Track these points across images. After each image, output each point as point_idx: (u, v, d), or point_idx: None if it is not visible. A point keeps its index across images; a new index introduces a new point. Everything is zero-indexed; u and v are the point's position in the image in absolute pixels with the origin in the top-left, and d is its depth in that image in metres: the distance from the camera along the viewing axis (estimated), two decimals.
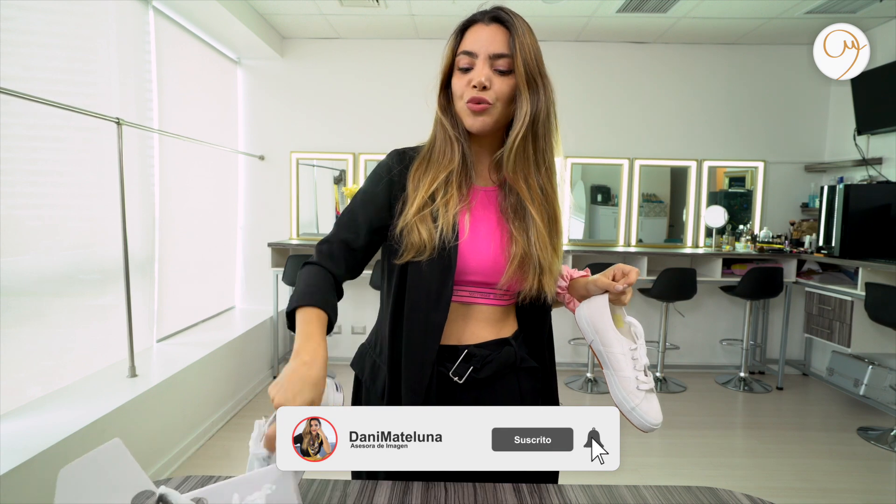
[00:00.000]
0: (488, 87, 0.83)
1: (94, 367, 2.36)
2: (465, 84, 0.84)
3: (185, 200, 3.19)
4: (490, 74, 0.83)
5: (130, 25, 2.62)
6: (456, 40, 0.87)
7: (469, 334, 0.90)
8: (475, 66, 0.84)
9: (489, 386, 0.90)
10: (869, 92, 3.36)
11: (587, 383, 3.62)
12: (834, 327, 3.26)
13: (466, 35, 0.86)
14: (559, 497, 0.87)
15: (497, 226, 0.89)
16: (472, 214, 0.89)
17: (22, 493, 1.53)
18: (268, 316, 3.70)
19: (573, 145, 3.98)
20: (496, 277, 0.87)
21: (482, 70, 0.83)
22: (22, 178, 2.01)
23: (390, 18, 3.53)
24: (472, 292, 0.89)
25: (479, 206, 0.91)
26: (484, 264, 0.87)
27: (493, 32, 0.84)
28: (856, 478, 2.44)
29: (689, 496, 0.87)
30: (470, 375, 0.88)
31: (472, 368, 0.88)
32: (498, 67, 0.83)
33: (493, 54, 0.83)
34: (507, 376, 0.91)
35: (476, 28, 0.85)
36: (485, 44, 0.84)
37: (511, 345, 0.92)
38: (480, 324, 0.90)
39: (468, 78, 0.84)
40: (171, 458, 2.40)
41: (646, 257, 3.68)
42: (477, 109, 0.84)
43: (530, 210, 0.87)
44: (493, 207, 0.91)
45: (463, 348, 0.89)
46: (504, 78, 0.84)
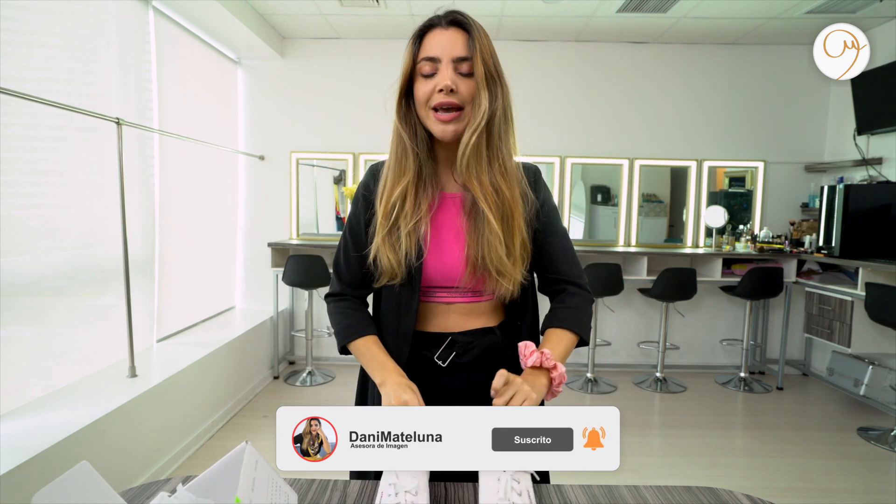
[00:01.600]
0: (455, 91, 0.83)
1: (94, 367, 2.37)
2: (431, 89, 0.84)
3: (185, 200, 3.19)
4: (456, 78, 0.83)
5: (130, 25, 2.62)
6: (415, 46, 0.87)
7: (454, 324, 0.94)
8: (439, 70, 0.84)
9: (472, 371, 0.94)
10: (869, 92, 3.36)
11: (587, 383, 3.62)
12: (834, 327, 3.26)
13: (426, 40, 0.86)
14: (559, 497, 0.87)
15: (459, 231, 0.91)
16: (436, 223, 0.91)
17: (22, 493, 1.53)
18: (268, 316, 3.70)
19: (573, 145, 3.99)
20: (457, 281, 0.90)
21: (447, 74, 0.83)
22: (22, 178, 2.02)
23: (390, 18, 3.54)
24: (451, 293, 0.93)
25: (444, 213, 0.93)
26: (445, 272, 0.90)
27: (453, 36, 0.84)
28: (856, 478, 2.44)
29: (689, 496, 0.87)
30: (453, 360, 0.92)
31: (454, 354, 0.93)
32: (461, 71, 0.84)
33: (455, 58, 0.83)
34: (490, 363, 0.93)
35: (435, 32, 0.85)
36: (447, 48, 0.84)
37: (495, 333, 0.95)
38: (464, 316, 0.94)
39: (433, 83, 0.84)
40: (171, 458, 2.40)
41: (646, 257, 3.68)
42: (447, 119, 0.84)
43: (483, 209, 0.86)
44: (456, 212, 0.92)
45: (447, 335, 0.93)
46: (468, 80, 0.84)
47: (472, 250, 0.88)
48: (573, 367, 4.00)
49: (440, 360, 0.93)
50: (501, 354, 0.96)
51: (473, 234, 0.88)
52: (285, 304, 4.02)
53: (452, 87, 0.82)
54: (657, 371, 3.73)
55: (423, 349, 0.94)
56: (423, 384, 0.88)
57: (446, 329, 0.94)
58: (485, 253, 0.86)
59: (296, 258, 3.43)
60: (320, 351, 4.11)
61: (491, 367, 0.88)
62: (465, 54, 0.83)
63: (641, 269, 3.70)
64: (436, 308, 0.93)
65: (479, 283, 0.90)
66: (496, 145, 0.87)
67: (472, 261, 0.88)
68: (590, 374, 3.68)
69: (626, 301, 4.02)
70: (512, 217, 0.88)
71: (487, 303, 0.95)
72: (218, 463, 0.70)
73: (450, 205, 0.93)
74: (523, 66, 3.94)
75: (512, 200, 0.88)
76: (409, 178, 0.87)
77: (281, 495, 0.74)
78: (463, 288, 0.91)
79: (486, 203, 0.86)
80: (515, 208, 0.88)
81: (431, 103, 0.84)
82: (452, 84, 0.82)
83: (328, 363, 4.05)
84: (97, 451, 1.90)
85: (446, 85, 0.82)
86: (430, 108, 0.85)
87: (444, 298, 0.93)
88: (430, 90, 0.84)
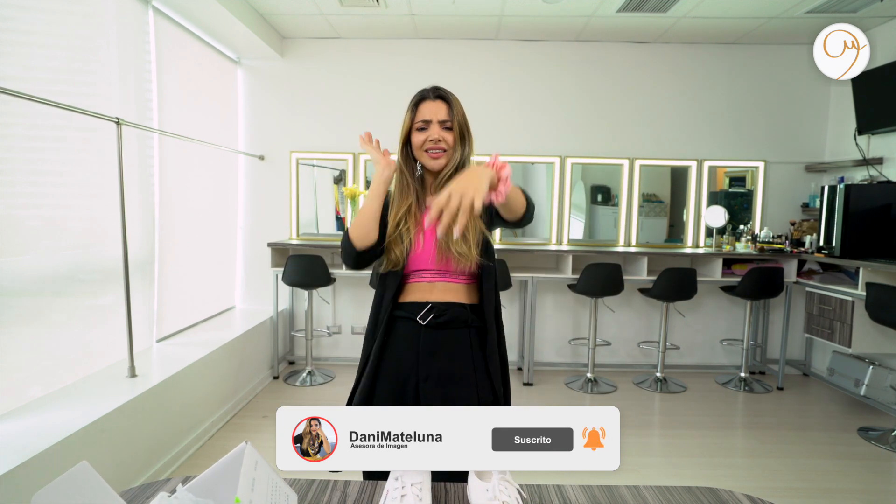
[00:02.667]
0: (440, 141, 1.26)
1: (94, 367, 2.37)
2: (424, 139, 1.27)
3: (185, 200, 3.19)
4: (440, 132, 1.27)
5: (130, 25, 2.62)
6: (413, 111, 1.29)
7: (434, 297, 1.27)
8: (430, 127, 1.27)
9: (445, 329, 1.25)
10: (869, 92, 3.36)
11: (587, 383, 3.62)
12: (834, 327, 3.26)
13: (420, 108, 1.28)
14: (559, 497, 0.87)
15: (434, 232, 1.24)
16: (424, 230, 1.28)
17: (22, 493, 1.53)
18: (268, 316, 3.70)
19: (573, 145, 3.99)
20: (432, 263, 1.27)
21: (435, 130, 1.26)
22: (22, 178, 2.01)
23: (390, 18, 3.53)
24: (433, 274, 1.28)
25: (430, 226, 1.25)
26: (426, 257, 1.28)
27: (438, 106, 1.28)
28: (856, 478, 2.44)
29: (689, 496, 0.87)
30: (430, 320, 1.24)
31: (432, 315, 1.25)
32: (445, 126, 1.28)
33: (440, 120, 1.27)
34: (461, 328, 1.26)
35: (427, 103, 1.28)
36: (435, 114, 1.27)
37: (465, 308, 1.27)
38: (444, 293, 1.28)
39: (426, 135, 1.27)
40: (171, 458, 2.40)
41: (646, 257, 3.68)
42: (437, 156, 1.27)
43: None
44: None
45: (428, 303, 1.26)
46: (449, 132, 1.28)
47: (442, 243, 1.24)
48: (574, 368, 4.01)
49: (421, 320, 1.25)
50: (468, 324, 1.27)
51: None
52: (285, 304, 4.02)
53: (439, 138, 1.27)
54: (657, 371, 3.73)
55: (410, 313, 1.26)
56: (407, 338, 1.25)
57: (428, 300, 1.27)
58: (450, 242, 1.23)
59: (296, 258, 3.43)
60: (320, 351, 4.10)
61: (461, 332, 1.26)
62: (447, 118, 1.27)
63: (642, 269, 3.69)
64: (422, 286, 1.28)
65: (447, 263, 1.26)
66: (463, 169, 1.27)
67: (440, 246, 1.25)
68: (590, 374, 3.67)
69: (627, 301, 4.01)
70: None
71: (460, 284, 1.28)
72: (218, 463, 0.70)
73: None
74: (523, 66, 3.94)
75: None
76: (409, 203, 1.29)
77: (281, 495, 0.74)
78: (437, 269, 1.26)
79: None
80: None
81: (424, 147, 1.27)
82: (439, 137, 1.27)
83: (328, 363, 4.05)
84: (97, 451, 1.90)
85: (435, 138, 1.26)
86: (424, 150, 1.27)
87: (428, 278, 1.28)
88: (424, 139, 1.27)
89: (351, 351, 4.10)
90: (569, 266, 3.68)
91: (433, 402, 1.22)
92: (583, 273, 3.44)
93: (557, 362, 4.08)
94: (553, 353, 4.09)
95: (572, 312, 4.08)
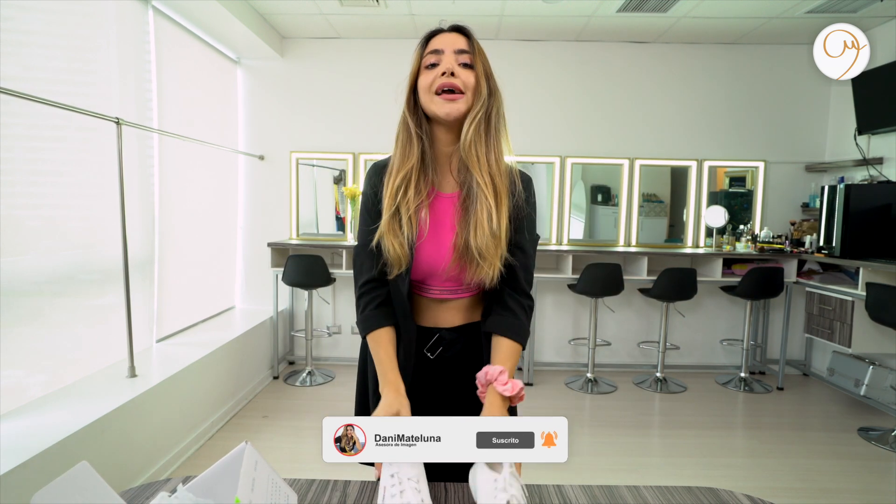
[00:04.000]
0: (456, 75, 0.95)
1: (94, 367, 2.37)
2: (435, 76, 0.96)
3: (185, 200, 3.19)
4: (457, 66, 0.96)
5: (130, 25, 2.62)
6: (422, 47, 1.01)
7: (443, 320, 1.07)
8: (442, 60, 0.97)
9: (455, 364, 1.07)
10: (869, 92, 3.36)
11: (587, 383, 3.62)
12: (834, 327, 3.26)
13: (432, 41, 1.00)
14: (559, 497, 0.87)
15: (452, 223, 1.00)
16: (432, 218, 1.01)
17: (22, 493, 1.53)
18: (268, 316, 3.70)
19: (573, 145, 3.98)
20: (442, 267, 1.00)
21: (450, 60, 0.96)
22: (22, 178, 2.01)
23: (390, 18, 3.53)
24: (442, 290, 1.04)
25: (440, 209, 1.02)
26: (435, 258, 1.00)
27: (455, 36, 0.99)
28: (856, 478, 2.44)
29: (689, 496, 0.87)
30: (440, 354, 1.07)
31: (441, 349, 1.07)
32: (462, 61, 0.97)
33: (457, 49, 0.97)
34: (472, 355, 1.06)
35: (440, 35, 1.00)
36: (450, 43, 0.98)
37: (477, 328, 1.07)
38: (453, 312, 1.07)
39: (437, 70, 0.96)
40: (171, 458, 2.40)
41: (646, 257, 3.68)
42: (450, 98, 0.95)
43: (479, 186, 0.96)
44: (451, 208, 1.02)
45: (437, 331, 1.07)
46: (468, 70, 0.97)
47: (460, 238, 0.97)
48: (574, 368, 4.00)
49: (429, 353, 1.07)
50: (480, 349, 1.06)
51: (464, 222, 0.98)
52: (285, 304, 4.02)
53: (454, 70, 0.94)
54: (657, 371, 3.73)
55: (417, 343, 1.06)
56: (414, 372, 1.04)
57: (436, 324, 1.06)
58: (471, 237, 0.95)
59: (296, 258, 3.43)
60: (320, 351, 4.10)
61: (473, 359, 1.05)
62: (466, 48, 0.97)
63: (642, 269, 3.70)
64: (430, 304, 1.06)
65: (462, 271, 0.99)
66: (493, 135, 0.98)
67: (458, 248, 0.97)
68: (590, 374, 3.67)
69: (627, 301, 4.02)
70: (501, 202, 0.98)
71: (471, 298, 1.06)
72: (218, 463, 0.70)
73: (447, 203, 1.02)
74: (523, 66, 3.94)
75: (502, 189, 0.98)
76: (412, 163, 0.98)
77: (281, 495, 0.74)
78: (446, 276, 1.00)
79: (482, 179, 0.96)
80: (504, 196, 0.98)
81: (434, 87, 0.96)
82: (454, 68, 0.95)
83: (328, 363, 4.05)
84: (97, 451, 1.90)
85: (448, 67, 0.95)
86: (434, 92, 0.96)
87: (441, 295, 1.04)
88: (434, 76, 0.96)
89: (351, 351, 4.10)
90: (569, 266, 3.68)
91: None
92: (583, 273, 3.44)
93: (557, 362, 4.08)
94: (553, 353, 4.09)
95: (572, 312, 4.08)
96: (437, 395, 1.07)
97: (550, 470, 2.44)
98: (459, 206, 1.00)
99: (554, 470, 2.44)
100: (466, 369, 1.02)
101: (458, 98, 0.95)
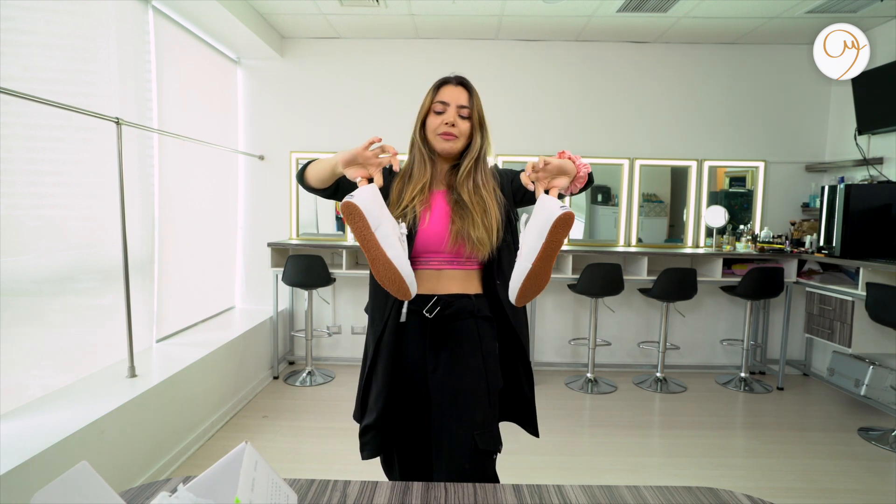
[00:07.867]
0: (455, 125, 1.28)
1: (94, 367, 2.37)
2: (440, 122, 1.28)
3: (185, 200, 3.19)
4: (456, 118, 1.28)
5: (130, 25, 2.62)
6: (434, 93, 1.31)
7: (441, 288, 1.28)
8: (447, 111, 1.28)
9: (453, 323, 1.27)
10: (869, 92, 3.36)
11: (587, 383, 3.62)
12: (835, 327, 3.26)
13: (441, 91, 1.30)
14: (559, 497, 0.87)
15: (445, 214, 1.29)
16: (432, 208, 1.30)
17: (22, 493, 1.53)
18: (268, 316, 3.70)
19: (573, 145, 3.98)
20: (444, 246, 1.26)
21: (452, 114, 1.28)
22: (22, 178, 2.01)
23: (390, 18, 3.53)
24: (441, 261, 1.27)
25: (437, 203, 1.32)
26: (435, 238, 1.27)
27: (459, 91, 1.30)
28: (856, 478, 2.44)
29: (689, 496, 0.87)
30: (438, 313, 1.26)
31: (439, 308, 1.26)
32: (461, 114, 1.29)
33: (459, 105, 1.29)
34: (467, 319, 1.27)
35: (448, 87, 1.30)
36: (454, 98, 1.29)
37: (471, 299, 1.28)
38: (450, 282, 1.28)
39: (442, 118, 1.28)
40: (171, 458, 2.40)
41: (646, 257, 3.68)
42: (449, 138, 1.29)
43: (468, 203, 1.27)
44: (444, 202, 1.32)
45: (434, 296, 1.27)
46: (464, 121, 1.30)
47: (455, 225, 1.25)
48: (574, 368, 4.00)
49: (427, 313, 1.26)
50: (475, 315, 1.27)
51: (457, 213, 1.26)
52: (285, 304, 4.02)
53: (454, 122, 1.28)
54: (657, 371, 3.73)
55: (416, 305, 1.26)
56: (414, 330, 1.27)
57: (434, 291, 1.27)
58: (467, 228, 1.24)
59: (296, 258, 3.43)
60: (320, 351, 4.11)
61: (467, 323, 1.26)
62: (466, 104, 1.29)
63: (642, 269, 3.69)
64: (429, 274, 1.27)
65: (461, 247, 1.25)
66: (481, 167, 1.32)
67: (455, 229, 1.25)
68: (590, 374, 3.67)
69: (627, 301, 4.02)
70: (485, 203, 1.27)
71: (468, 271, 1.29)
72: (218, 463, 0.70)
73: (439, 197, 1.33)
74: (523, 66, 3.94)
75: (486, 192, 1.29)
76: (426, 179, 1.30)
77: (281, 495, 0.74)
78: (449, 251, 1.25)
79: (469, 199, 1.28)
80: (489, 197, 1.29)
81: (438, 131, 1.29)
82: (454, 121, 1.28)
83: (328, 363, 4.05)
84: (97, 451, 1.90)
85: (450, 120, 1.27)
86: (437, 134, 1.29)
87: (436, 265, 1.27)
88: (440, 122, 1.28)
89: (351, 351, 4.10)
90: (569, 266, 3.68)
91: (443, 393, 1.23)
92: (583, 273, 3.44)
93: (557, 362, 4.08)
94: (553, 353, 4.09)
95: (572, 312, 4.08)
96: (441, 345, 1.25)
97: (551, 470, 2.44)
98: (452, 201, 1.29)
99: (554, 470, 2.44)
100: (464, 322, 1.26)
101: (453, 139, 1.28)
